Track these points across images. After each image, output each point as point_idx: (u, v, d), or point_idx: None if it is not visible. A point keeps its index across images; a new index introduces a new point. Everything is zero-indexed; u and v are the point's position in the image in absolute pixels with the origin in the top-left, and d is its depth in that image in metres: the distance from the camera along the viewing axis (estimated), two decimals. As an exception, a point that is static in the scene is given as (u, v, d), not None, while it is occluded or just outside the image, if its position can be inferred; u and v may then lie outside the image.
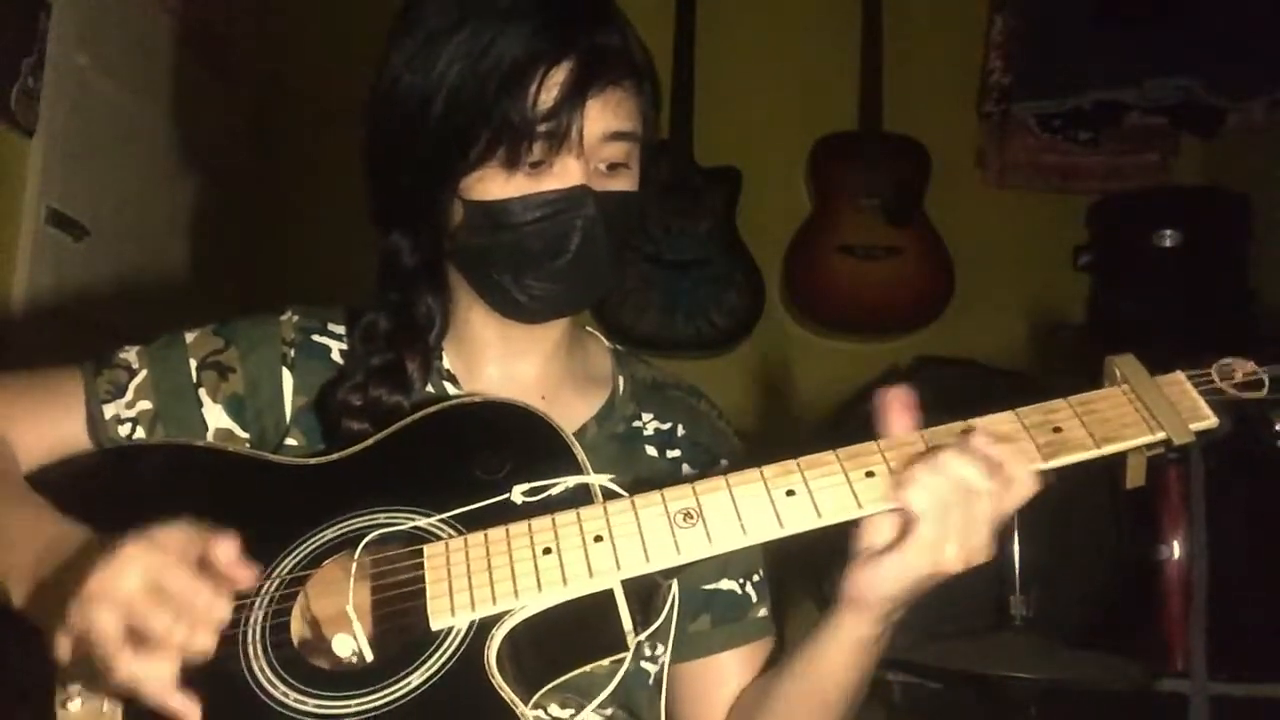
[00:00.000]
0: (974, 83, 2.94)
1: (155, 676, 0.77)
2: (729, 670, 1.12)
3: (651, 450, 1.14)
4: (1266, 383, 0.90)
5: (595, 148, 0.99)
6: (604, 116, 0.98)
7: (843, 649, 0.96)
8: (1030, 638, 1.94)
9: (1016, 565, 2.01)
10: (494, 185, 0.99)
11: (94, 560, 0.79)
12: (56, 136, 1.87)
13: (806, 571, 2.35)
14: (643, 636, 0.88)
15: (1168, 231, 2.23)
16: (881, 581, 0.90)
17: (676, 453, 1.15)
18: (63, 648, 0.80)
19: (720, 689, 1.12)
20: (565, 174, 0.98)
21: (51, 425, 1.04)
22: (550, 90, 0.95)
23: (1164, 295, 2.36)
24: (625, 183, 1.02)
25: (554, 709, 0.95)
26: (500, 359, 1.11)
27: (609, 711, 1.04)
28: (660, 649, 1.07)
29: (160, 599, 0.78)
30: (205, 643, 0.79)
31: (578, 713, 1.02)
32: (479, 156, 0.97)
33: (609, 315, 2.73)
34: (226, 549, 0.82)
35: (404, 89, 1.00)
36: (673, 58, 2.86)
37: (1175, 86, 2.70)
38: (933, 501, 0.85)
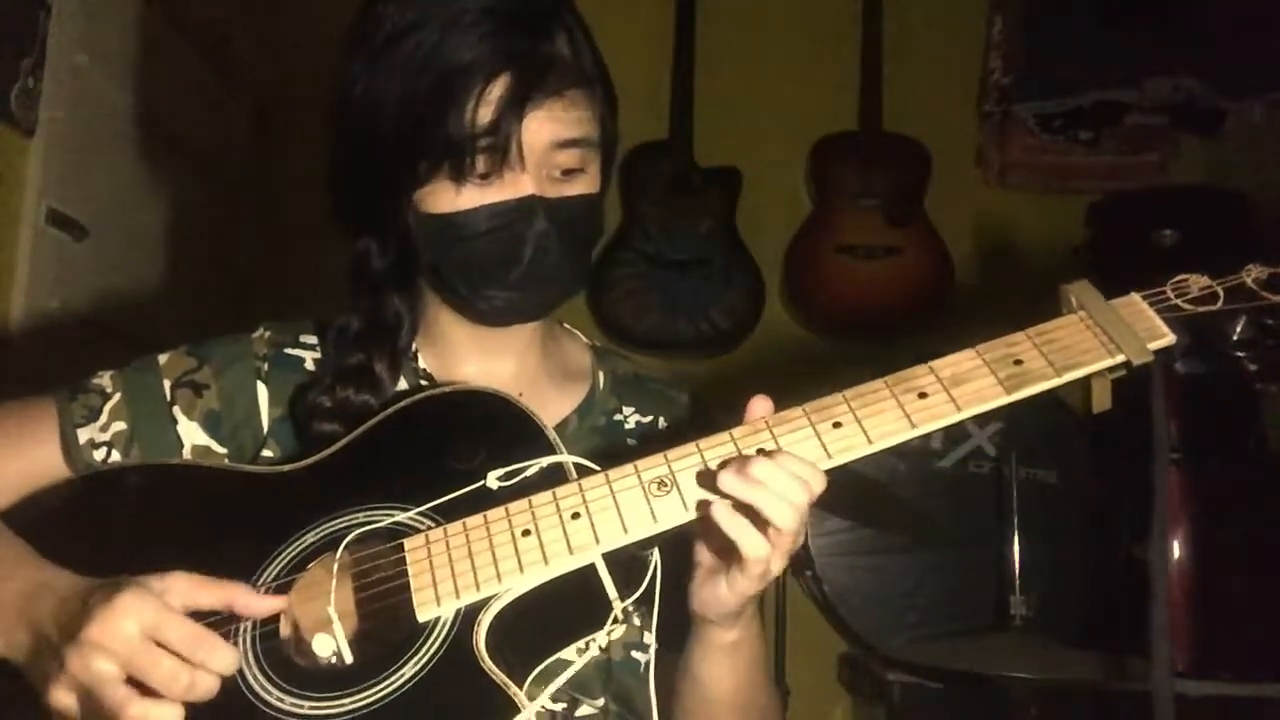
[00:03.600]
0: (974, 83, 2.94)
1: None
2: None
3: (633, 443, 1.14)
4: (1221, 295, 0.91)
5: (545, 156, 0.98)
6: (550, 126, 0.97)
7: (708, 655, 0.98)
8: (1030, 638, 1.94)
9: (1016, 565, 2.01)
10: (444, 198, 0.99)
11: (90, 608, 0.80)
12: (56, 136, 1.87)
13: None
14: (628, 602, 0.88)
15: (1168, 231, 2.22)
16: (718, 599, 0.92)
17: (659, 445, 1.15)
18: (62, 696, 0.80)
19: None
20: (515, 185, 0.98)
21: (27, 454, 1.05)
22: (488, 105, 0.95)
23: (1164, 295, 2.35)
24: (581, 186, 1.02)
25: (545, 701, 0.96)
26: (475, 357, 1.12)
27: (600, 702, 1.04)
28: (649, 637, 1.07)
29: (159, 646, 0.79)
30: (209, 685, 0.80)
31: (570, 706, 1.02)
32: (426, 171, 0.98)
33: (609, 315, 2.73)
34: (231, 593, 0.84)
35: (355, 100, 1.00)
36: (673, 58, 2.87)
37: (1175, 86, 2.70)
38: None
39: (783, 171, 2.91)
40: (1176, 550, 2.01)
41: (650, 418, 1.17)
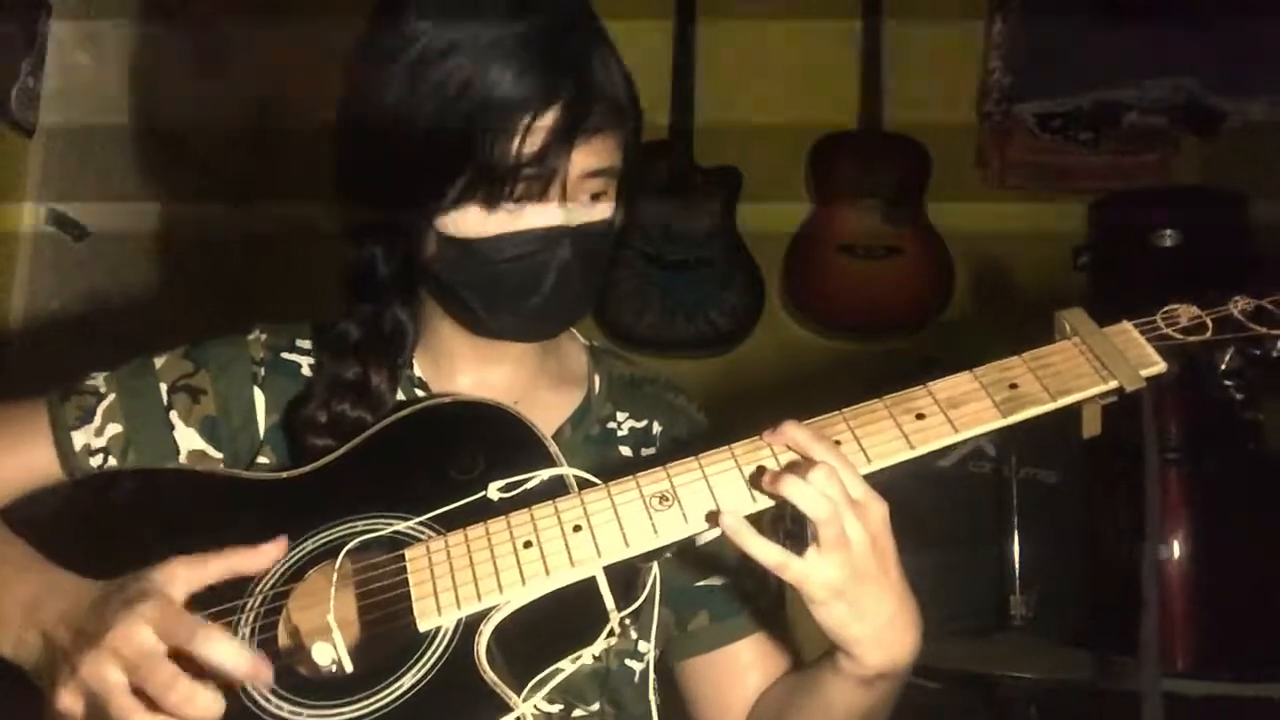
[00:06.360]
0: (974, 83, 2.94)
1: None
2: (742, 663, 1.11)
3: (626, 450, 1.14)
4: (1210, 325, 0.94)
5: (576, 185, 0.98)
6: (587, 158, 0.96)
7: (837, 681, 0.96)
8: (1030, 638, 1.94)
9: (1017, 565, 2.01)
10: (471, 223, 0.98)
11: (102, 613, 0.79)
12: (56, 136, 1.87)
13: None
14: (625, 613, 0.88)
15: (1168, 231, 2.22)
16: (828, 619, 0.92)
17: (652, 450, 1.15)
18: (70, 700, 0.80)
19: (736, 682, 1.11)
20: (545, 214, 0.97)
21: (21, 457, 1.04)
22: (536, 135, 0.93)
23: (1163, 295, 2.35)
24: (603, 211, 1.01)
25: (541, 704, 0.96)
26: (471, 366, 1.11)
27: (594, 707, 1.04)
28: (645, 645, 1.07)
29: (169, 658, 0.78)
30: (210, 705, 0.77)
31: (565, 710, 1.02)
32: (459, 195, 0.96)
33: (609, 315, 2.73)
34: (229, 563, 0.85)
35: (383, 113, 0.97)
36: (673, 58, 2.86)
37: (1175, 86, 2.70)
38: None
39: (783, 171, 2.91)
40: (1176, 550, 2.01)
41: (644, 422, 1.16)
